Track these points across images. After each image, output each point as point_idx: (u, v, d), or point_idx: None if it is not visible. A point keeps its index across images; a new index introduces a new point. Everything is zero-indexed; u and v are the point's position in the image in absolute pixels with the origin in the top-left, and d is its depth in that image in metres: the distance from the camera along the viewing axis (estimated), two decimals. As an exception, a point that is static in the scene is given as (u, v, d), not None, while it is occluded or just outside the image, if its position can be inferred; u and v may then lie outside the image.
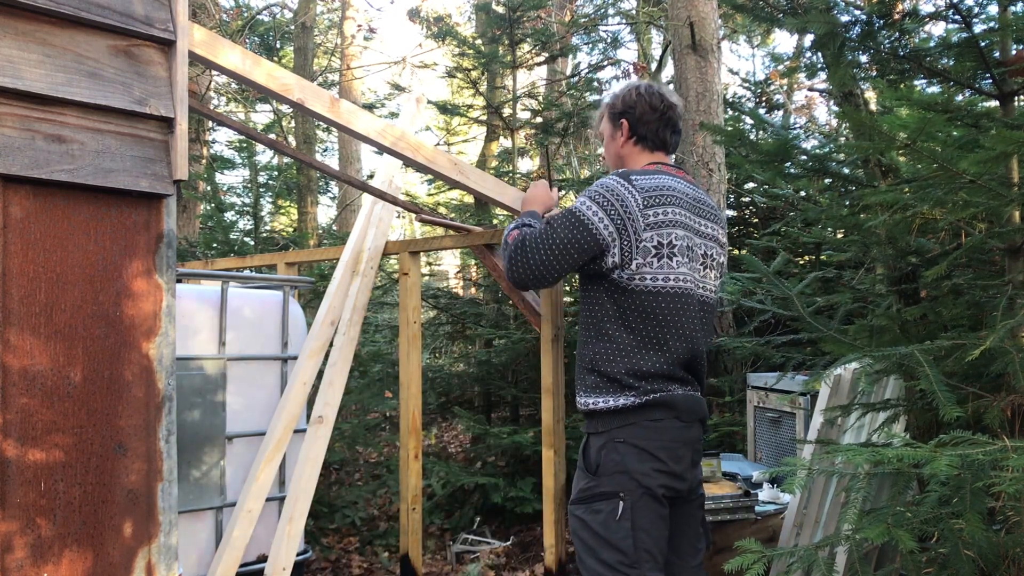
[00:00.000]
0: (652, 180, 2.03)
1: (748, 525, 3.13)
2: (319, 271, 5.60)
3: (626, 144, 2.23)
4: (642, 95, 2.21)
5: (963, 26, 2.24)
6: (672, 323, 2.02)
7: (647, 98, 2.21)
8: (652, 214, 1.98)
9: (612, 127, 2.26)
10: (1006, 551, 1.88)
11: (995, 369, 1.98)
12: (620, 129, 2.23)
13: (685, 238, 2.03)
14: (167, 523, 1.58)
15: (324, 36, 12.60)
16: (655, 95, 2.21)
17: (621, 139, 2.24)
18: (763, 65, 12.58)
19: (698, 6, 5.82)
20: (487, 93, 6.95)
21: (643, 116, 2.20)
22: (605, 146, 2.32)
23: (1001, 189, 2.00)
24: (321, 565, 4.06)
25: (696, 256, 2.08)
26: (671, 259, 2.00)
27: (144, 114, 1.56)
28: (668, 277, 2.01)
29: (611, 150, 2.29)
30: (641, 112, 2.20)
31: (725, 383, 5.14)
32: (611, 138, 2.27)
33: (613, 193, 1.99)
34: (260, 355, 3.06)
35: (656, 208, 1.99)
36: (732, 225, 6.94)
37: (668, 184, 2.05)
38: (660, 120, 2.20)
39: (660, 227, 1.99)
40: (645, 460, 1.96)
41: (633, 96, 2.22)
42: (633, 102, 2.21)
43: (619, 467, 1.96)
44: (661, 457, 1.97)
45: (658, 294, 2.00)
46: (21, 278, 1.42)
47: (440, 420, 7.43)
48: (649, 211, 1.98)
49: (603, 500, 1.96)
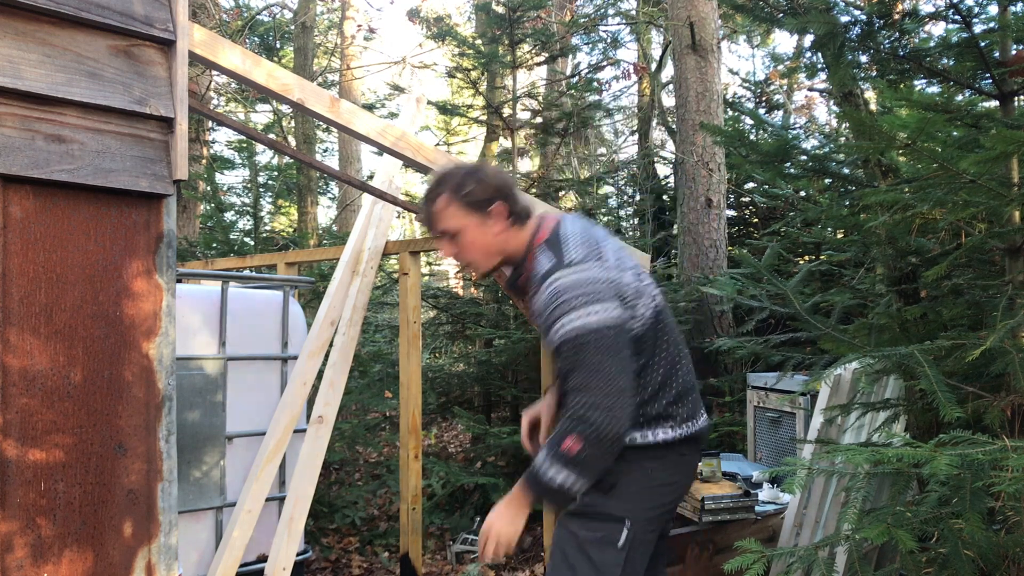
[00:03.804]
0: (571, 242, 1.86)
1: (748, 525, 3.13)
2: (319, 271, 5.60)
3: (506, 230, 1.96)
4: (490, 178, 1.96)
5: (963, 26, 2.24)
6: (669, 333, 1.96)
7: (494, 179, 1.97)
8: (609, 264, 1.85)
9: (478, 219, 1.94)
10: (1006, 551, 1.88)
11: (995, 369, 1.98)
12: (490, 216, 1.94)
13: (631, 261, 1.94)
14: (167, 523, 1.58)
15: (324, 36, 12.60)
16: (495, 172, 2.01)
17: (499, 226, 1.95)
18: (763, 65, 12.57)
19: (698, 6, 5.82)
20: (487, 93, 6.95)
21: (512, 193, 1.97)
22: (469, 243, 1.97)
23: (1001, 189, 2.00)
24: (321, 565, 4.06)
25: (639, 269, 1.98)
26: (642, 281, 1.92)
27: (144, 114, 1.56)
28: (648, 299, 1.92)
29: (483, 244, 1.97)
30: (509, 189, 1.97)
31: (725, 383, 5.14)
32: (479, 232, 1.95)
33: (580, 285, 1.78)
34: (260, 355, 3.06)
35: (603, 257, 1.86)
36: (732, 225, 6.94)
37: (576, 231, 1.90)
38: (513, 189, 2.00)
39: (621, 265, 1.87)
40: (665, 495, 1.90)
41: (493, 175, 1.98)
42: (498, 181, 1.97)
43: (637, 495, 1.86)
44: (679, 493, 1.95)
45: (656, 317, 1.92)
46: (21, 278, 1.42)
47: (440, 420, 7.43)
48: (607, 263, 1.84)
49: (606, 522, 1.85)
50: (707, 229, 5.72)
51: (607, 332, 1.75)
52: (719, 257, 5.71)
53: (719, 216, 5.78)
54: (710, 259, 5.68)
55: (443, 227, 1.98)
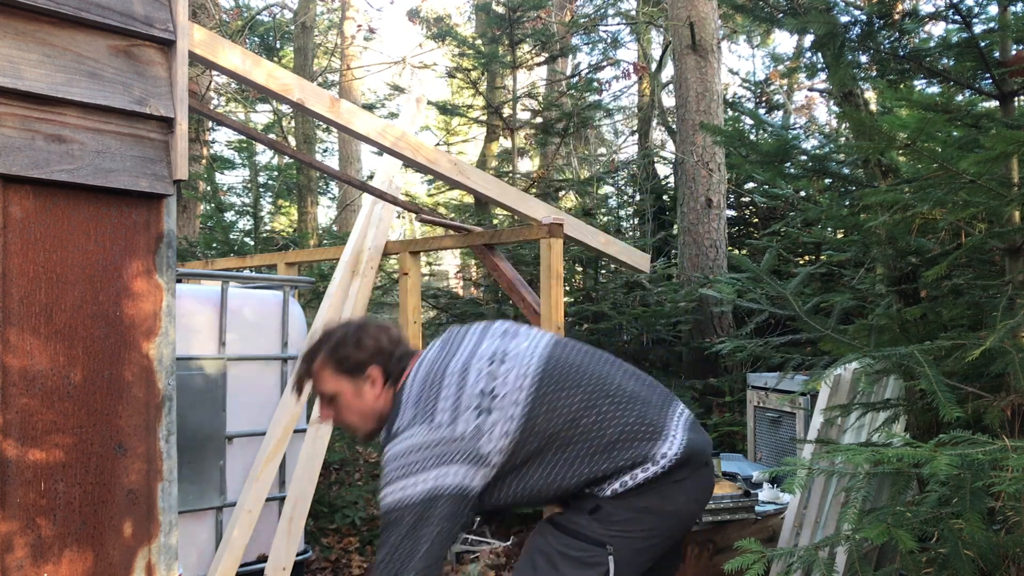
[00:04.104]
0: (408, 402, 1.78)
1: (748, 525, 3.13)
2: (319, 271, 5.60)
3: (383, 392, 1.88)
4: (374, 333, 1.90)
5: (963, 26, 2.24)
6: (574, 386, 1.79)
7: (378, 334, 1.90)
8: (438, 422, 1.72)
9: (353, 384, 1.87)
10: (1006, 551, 1.88)
11: (995, 369, 1.98)
12: (369, 380, 1.87)
13: (479, 369, 1.78)
14: (167, 523, 1.58)
15: (324, 36, 12.60)
16: (383, 327, 1.94)
17: (376, 390, 1.87)
18: (763, 65, 12.57)
19: (698, 6, 5.82)
20: (487, 93, 6.95)
21: (392, 353, 1.89)
22: (346, 407, 1.90)
23: (1001, 189, 2.00)
24: (321, 565, 4.06)
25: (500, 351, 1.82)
26: (496, 394, 1.74)
27: (144, 114, 1.56)
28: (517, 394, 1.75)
29: (359, 410, 1.90)
30: (388, 350, 1.89)
31: (725, 383, 5.15)
32: (356, 397, 1.88)
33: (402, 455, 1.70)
34: (260, 355, 3.06)
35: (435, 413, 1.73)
36: (732, 225, 6.95)
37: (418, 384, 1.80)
38: (401, 346, 1.92)
39: (457, 410, 1.72)
40: (657, 523, 1.78)
41: (370, 338, 1.89)
42: (374, 344, 1.88)
43: (623, 522, 1.75)
44: (676, 519, 1.81)
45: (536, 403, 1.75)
46: (21, 278, 1.42)
47: (440, 420, 7.41)
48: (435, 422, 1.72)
49: (586, 542, 1.74)
50: (707, 229, 5.72)
51: (417, 509, 1.65)
52: (719, 257, 5.71)
53: (719, 216, 5.78)
54: (710, 259, 5.68)
55: (320, 390, 1.92)
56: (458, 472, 1.69)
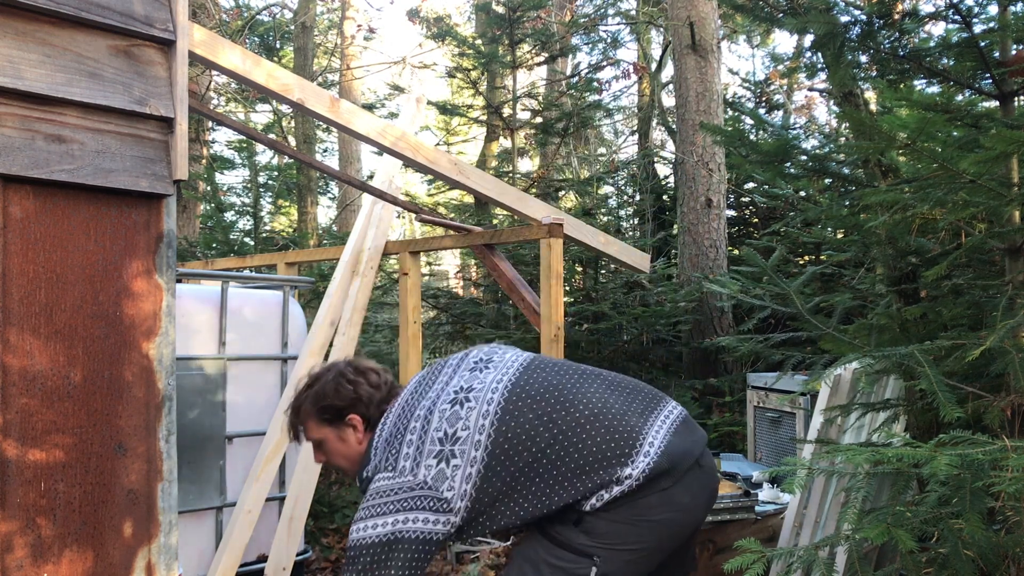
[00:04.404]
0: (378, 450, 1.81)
1: (748, 525, 3.13)
2: (319, 271, 5.60)
3: (366, 437, 1.91)
4: (355, 380, 1.92)
5: (963, 26, 2.24)
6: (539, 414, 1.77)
7: (364, 377, 1.93)
8: (404, 456, 1.74)
9: (336, 430, 1.92)
10: (1006, 551, 1.88)
11: (995, 369, 1.98)
12: (350, 427, 1.91)
13: (441, 412, 1.78)
14: (167, 523, 1.58)
15: (324, 36, 12.60)
16: (368, 371, 1.95)
17: (358, 435, 1.91)
18: (763, 65, 12.58)
19: (698, 6, 5.82)
20: (487, 93, 6.95)
21: (372, 399, 1.91)
22: (332, 451, 1.96)
23: (1001, 189, 2.00)
24: (321, 565, 4.06)
25: (465, 390, 1.82)
26: (457, 438, 1.74)
27: (144, 114, 1.56)
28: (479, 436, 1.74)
29: (345, 454, 1.94)
30: (368, 396, 1.91)
31: (725, 383, 5.15)
32: (339, 442, 1.93)
33: (368, 500, 1.72)
34: (260, 355, 3.06)
35: (398, 460, 1.75)
36: (732, 225, 6.95)
37: (387, 431, 1.83)
38: (384, 390, 1.94)
39: (419, 456, 1.73)
40: (645, 533, 1.75)
41: (348, 385, 1.91)
42: (352, 392, 1.91)
43: (608, 534, 1.73)
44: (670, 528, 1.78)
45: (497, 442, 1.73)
46: (21, 278, 1.42)
47: (440, 420, 7.42)
48: (396, 469, 1.73)
49: (573, 553, 1.72)
50: (707, 229, 5.72)
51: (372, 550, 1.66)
52: (719, 257, 5.71)
53: (719, 216, 5.78)
54: (710, 259, 5.68)
55: (308, 437, 1.99)
56: (418, 518, 1.69)
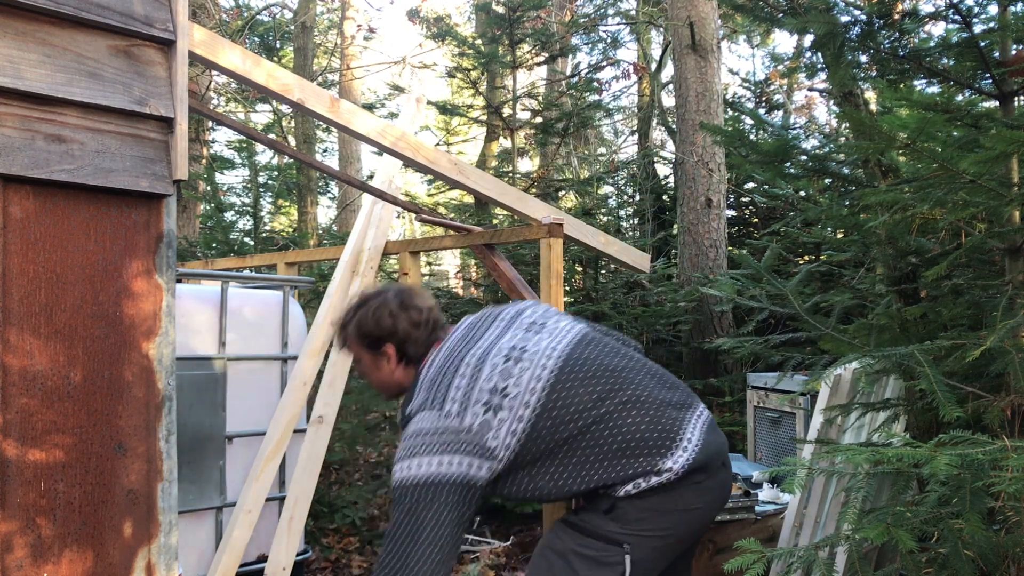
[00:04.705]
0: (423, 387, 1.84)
1: (748, 525, 3.13)
2: (319, 271, 5.60)
3: (397, 369, 1.98)
4: (397, 314, 1.95)
5: (963, 26, 2.24)
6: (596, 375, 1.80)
7: (404, 316, 1.95)
8: (447, 411, 1.75)
9: (371, 355, 1.99)
10: (1006, 551, 1.88)
11: (995, 369, 1.98)
12: (385, 356, 1.97)
13: (493, 365, 1.80)
14: (167, 523, 1.58)
15: (324, 36, 12.60)
16: (412, 308, 1.96)
17: (391, 366, 1.98)
18: (763, 65, 12.58)
19: (698, 6, 5.82)
20: (487, 93, 6.94)
21: (408, 335, 1.94)
22: (366, 372, 2.05)
23: (1001, 189, 2.00)
24: (321, 565, 4.06)
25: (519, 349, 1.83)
26: (507, 394, 1.75)
27: (144, 114, 1.56)
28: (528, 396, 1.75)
29: (378, 378, 2.03)
30: (405, 333, 1.94)
31: (725, 383, 5.15)
32: (374, 367, 2.01)
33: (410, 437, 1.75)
34: (260, 355, 3.06)
35: (445, 402, 1.76)
36: (732, 225, 6.95)
37: (434, 370, 1.85)
38: (425, 328, 1.95)
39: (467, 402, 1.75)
40: (674, 521, 1.76)
41: (388, 316, 1.94)
42: (391, 325, 1.94)
43: (637, 521, 1.74)
44: (694, 516, 1.79)
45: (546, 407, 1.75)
46: (21, 278, 1.42)
47: (440, 420, 7.42)
48: (443, 411, 1.75)
49: (602, 541, 1.74)
50: (707, 229, 5.72)
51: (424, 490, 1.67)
52: (719, 257, 5.71)
53: (719, 216, 5.78)
54: (710, 259, 5.68)
55: (349, 352, 2.06)
56: (462, 462, 1.70)
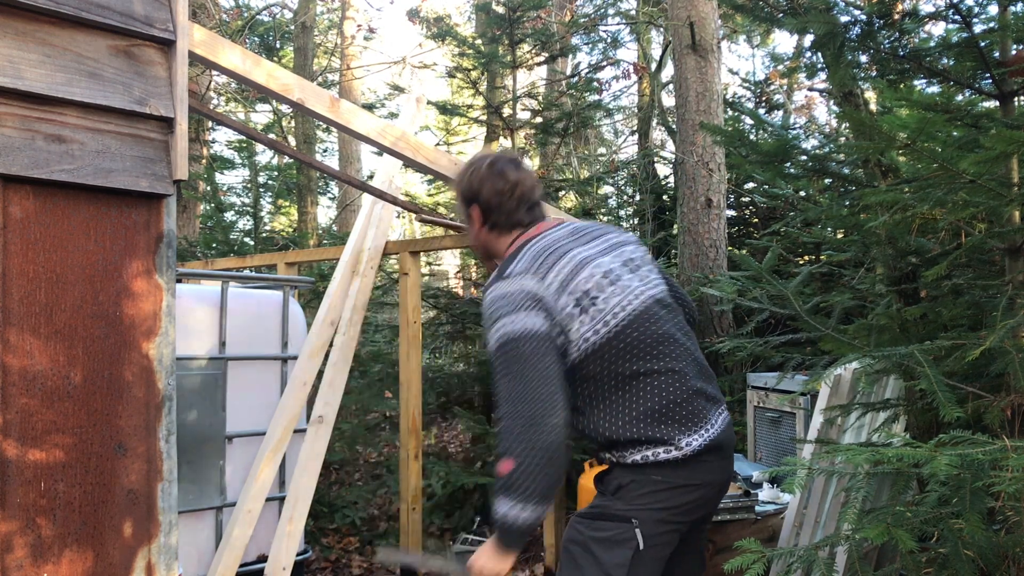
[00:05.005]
0: (526, 256, 1.89)
1: (748, 525, 3.13)
2: (319, 271, 5.60)
3: (481, 231, 2.06)
4: (485, 177, 2.02)
5: (963, 26, 2.24)
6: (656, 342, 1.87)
7: (491, 181, 2.01)
8: (548, 283, 1.83)
9: (465, 212, 2.09)
10: (1006, 551, 1.88)
11: (995, 369, 1.98)
12: (471, 217, 2.06)
13: (592, 272, 1.88)
14: (167, 523, 1.58)
15: (324, 36, 12.59)
16: (498, 175, 2.01)
17: (475, 227, 2.07)
18: (763, 65, 12.58)
19: (698, 6, 5.82)
20: (487, 93, 6.94)
21: (490, 202, 2.02)
22: (467, 227, 2.15)
23: (1001, 189, 2.00)
24: (321, 565, 4.06)
25: (618, 275, 1.91)
26: (596, 302, 1.83)
27: (144, 114, 1.56)
28: (622, 304, 1.86)
29: (471, 234, 2.12)
30: (487, 197, 2.01)
31: (725, 383, 5.15)
32: (468, 224, 2.10)
33: (510, 295, 1.81)
34: (260, 355, 3.06)
35: (548, 274, 1.84)
36: (732, 225, 6.94)
37: (541, 246, 1.91)
38: (510, 201, 2.00)
39: (564, 287, 1.83)
40: (679, 496, 1.82)
41: (477, 179, 2.03)
42: (478, 187, 2.02)
43: (641, 496, 1.81)
44: (698, 495, 1.84)
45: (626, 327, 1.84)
46: (21, 278, 1.42)
47: (440, 420, 7.43)
48: (545, 282, 1.82)
49: (612, 521, 1.81)
50: (707, 229, 5.72)
51: (526, 340, 1.74)
52: (719, 257, 5.71)
53: (719, 216, 5.78)
54: (710, 259, 5.68)
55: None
56: (552, 329, 1.79)
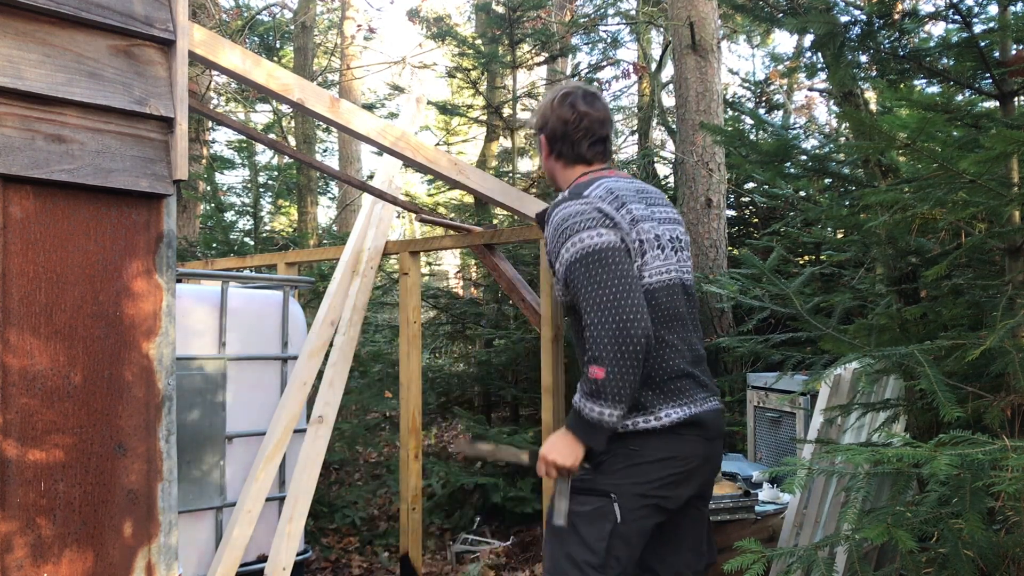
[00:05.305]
0: (601, 188, 1.95)
1: (748, 525, 3.13)
2: (319, 271, 5.60)
3: (549, 159, 2.13)
4: (554, 108, 2.07)
5: (963, 26, 2.24)
6: (669, 317, 1.95)
7: (558, 111, 2.06)
8: (621, 215, 1.91)
9: (537, 140, 2.17)
10: (1006, 551, 1.88)
11: (995, 369, 1.98)
12: (540, 145, 2.15)
13: (652, 230, 1.96)
14: (167, 523, 1.58)
15: (324, 36, 12.59)
16: (566, 106, 2.05)
17: (543, 155, 2.15)
18: (763, 65, 12.58)
19: (698, 6, 5.82)
20: (487, 93, 6.94)
21: (555, 131, 2.07)
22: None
23: (1001, 189, 2.00)
24: (321, 565, 4.06)
25: (665, 243, 2.00)
26: (645, 255, 1.93)
27: (144, 114, 1.56)
28: (660, 270, 1.94)
29: (543, 161, 2.19)
30: (553, 127, 2.07)
31: (725, 383, 5.15)
32: (539, 152, 2.18)
33: (586, 212, 1.89)
34: (260, 355, 3.06)
35: (620, 209, 1.92)
36: (732, 225, 6.94)
37: (615, 185, 1.98)
38: (575, 132, 2.05)
39: (633, 226, 1.92)
40: (654, 470, 1.88)
41: (549, 109, 2.09)
42: (546, 117, 2.09)
43: (622, 471, 1.88)
44: (674, 469, 1.90)
45: (656, 290, 1.93)
46: (21, 278, 1.42)
47: (440, 420, 7.43)
48: (619, 213, 1.91)
49: (592, 495, 1.88)
50: (707, 229, 5.72)
51: (609, 251, 1.82)
52: (719, 257, 5.71)
53: (719, 216, 5.78)
54: (710, 259, 5.68)
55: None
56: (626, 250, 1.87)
